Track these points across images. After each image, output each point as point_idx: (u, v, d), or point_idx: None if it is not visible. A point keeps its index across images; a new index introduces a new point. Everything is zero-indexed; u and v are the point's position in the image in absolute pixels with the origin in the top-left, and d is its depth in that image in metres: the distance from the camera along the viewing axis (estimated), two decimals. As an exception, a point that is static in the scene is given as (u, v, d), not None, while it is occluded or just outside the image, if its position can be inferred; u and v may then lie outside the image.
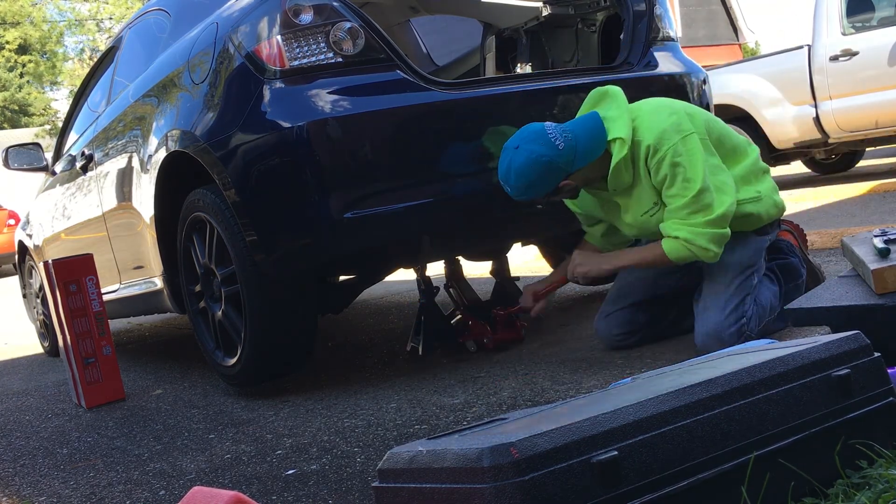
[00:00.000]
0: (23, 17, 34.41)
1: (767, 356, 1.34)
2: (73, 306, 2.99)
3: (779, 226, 2.52)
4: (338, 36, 2.37)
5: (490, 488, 1.06)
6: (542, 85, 2.64)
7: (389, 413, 2.26)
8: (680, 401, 1.19)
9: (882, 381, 1.35)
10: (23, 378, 4.15)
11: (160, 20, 3.37)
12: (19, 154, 4.51)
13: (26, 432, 2.82)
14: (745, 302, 2.30)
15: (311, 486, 1.78)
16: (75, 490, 2.05)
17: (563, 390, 2.20)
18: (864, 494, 1.15)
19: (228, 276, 2.62)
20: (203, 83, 2.63)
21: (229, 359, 2.71)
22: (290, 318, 2.56)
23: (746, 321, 2.29)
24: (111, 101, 3.69)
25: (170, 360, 3.93)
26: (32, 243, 4.90)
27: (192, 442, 2.32)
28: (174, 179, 2.84)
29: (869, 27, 6.73)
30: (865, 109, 6.64)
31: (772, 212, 2.38)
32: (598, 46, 3.39)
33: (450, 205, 2.45)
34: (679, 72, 2.94)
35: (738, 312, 2.28)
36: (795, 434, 1.23)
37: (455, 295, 3.07)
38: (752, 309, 2.31)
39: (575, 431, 1.11)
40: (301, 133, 2.29)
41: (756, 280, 2.36)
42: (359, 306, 4.77)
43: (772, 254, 2.51)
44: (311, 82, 2.35)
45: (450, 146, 2.44)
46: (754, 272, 2.36)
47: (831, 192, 6.66)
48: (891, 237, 1.94)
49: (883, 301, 1.71)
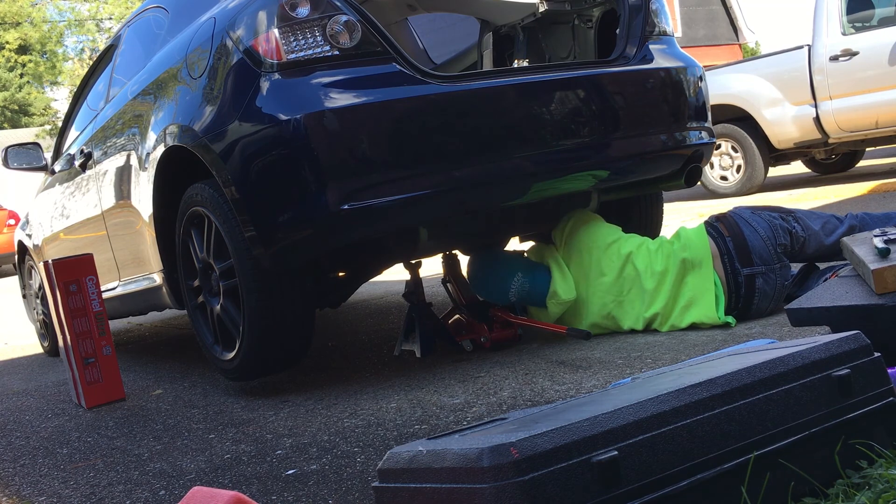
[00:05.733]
0: (22, 17, 34.40)
1: (767, 356, 1.34)
2: (73, 306, 2.98)
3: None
4: (335, 29, 2.38)
5: (490, 488, 1.06)
6: (538, 78, 2.64)
7: (389, 413, 2.26)
8: (680, 401, 1.19)
9: (882, 381, 1.35)
10: (23, 378, 4.15)
11: (158, 17, 3.38)
12: (19, 154, 4.51)
13: (26, 432, 2.82)
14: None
15: (311, 486, 1.78)
16: (75, 490, 2.05)
17: (563, 390, 2.20)
18: (864, 494, 1.15)
19: (227, 270, 2.63)
20: (201, 78, 2.63)
21: (228, 353, 2.72)
22: (289, 312, 2.57)
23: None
24: (110, 100, 3.69)
25: (170, 360, 3.93)
26: (32, 243, 4.90)
27: (192, 442, 2.32)
28: (172, 175, 2.85)
29: (869, 27, 6.73)
30: (865, 109, 6.64)
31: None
32: (594, 42, 3.40)
33: (447, 196, 2.45)
34: (675, 66, 2.95)
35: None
36: (795, 434, 1.23)
37: (452, 292, 3.07)
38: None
39: (575, 431, 1.11)
40: (298, 125, 2.30)
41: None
42: (359, 306, 4.77)
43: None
44: (308, 75, 2.36)
45: (446, 138, 2.44)
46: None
47: (831, 192, 6.66)
48: (891, 237, 1.94)
49: (883, 301, 1.71)
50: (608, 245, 2.83)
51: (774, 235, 2.64)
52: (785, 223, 2.69)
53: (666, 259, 2.72)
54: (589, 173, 2.73)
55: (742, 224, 2.66)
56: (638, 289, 2.75)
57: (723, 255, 2.64)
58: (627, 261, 2.77)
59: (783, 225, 2.68)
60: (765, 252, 2.61)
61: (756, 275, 2.60)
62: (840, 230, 2.70)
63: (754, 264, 2.60)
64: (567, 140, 2.63)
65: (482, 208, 2.64)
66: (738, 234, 2.64)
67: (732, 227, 2.67)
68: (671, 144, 2.89)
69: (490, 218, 2.88)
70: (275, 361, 2.70)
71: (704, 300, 2.64)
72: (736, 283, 2.62)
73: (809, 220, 2.73)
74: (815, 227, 2.72)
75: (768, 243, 2.62)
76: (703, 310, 2.64)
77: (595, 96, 2.71)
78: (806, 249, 2.71)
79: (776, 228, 2.65)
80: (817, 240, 2.70)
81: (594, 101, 2.70)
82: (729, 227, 2.68)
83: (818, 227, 2.72)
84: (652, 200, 3.49)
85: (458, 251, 3.20)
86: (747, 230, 2.64)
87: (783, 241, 2.65)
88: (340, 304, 3.02)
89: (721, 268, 2.65)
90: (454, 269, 3.11)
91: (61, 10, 38.05)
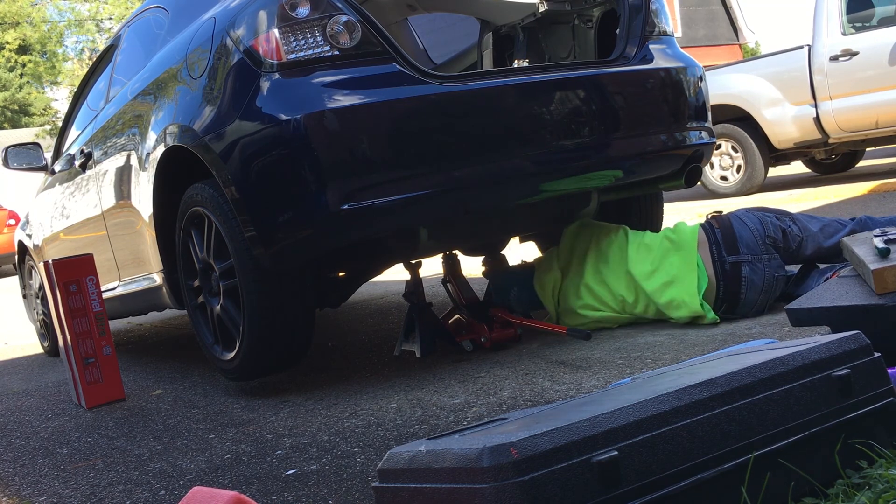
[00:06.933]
0: (22, 17, 34.40)
1: (767, 356, 1.34)
2: (73, 306, 2.98)
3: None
4: (335, 29, 2.38)
5: (490, 488, 1.06)
6: (538, 78, 2.64)
7: (389, 413, 2.26)
8: (680, 401, 1.19)
9: (882, 381, 1.35)
10: (23, 378, 4.15)
11: (158, 17, 3.38)
12: (19, 154, 4.51)
13: (26, 432, 2.82)
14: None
15: (311, 486, 1.78)
16: (75, 490, 2.05)
17: (563, 390, 2.20)
18: (864, 494, 1.15)
19: (227, 270, 2.63)
20: (201, 78, 2.64)
21: (228, 353, 2.72)
22: (289, 312, 2.57)
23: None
24: (110, 100, 3.69)
25: (170, 360, 3.93)
26: (32, 243, 4.90)
27: (192, 442, 2.32)
28: (172, 175, 2.85)
29: (869, 27, 6.73)
30: (865, 109, 6.64)
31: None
32: (594, 42, 3.40)
33: (447, 197, 2.45)
34: (675, 66, 2.95)
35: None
36: (795, 434, 1.23)
37: (453, 292, 3.07)
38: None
39: (575, 431, 1.11)
40: (298, 125, 2.30)
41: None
42: (359, 306, 4.77)
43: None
44: (309, 75, 2.36)
45: (446, 138, 2.44)
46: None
47: (831, 192, 6.67)
48: (891, 237, 1.94)
49: (883, 301, 1.71)
50: (612, 235, 2.99)
51: (763, 228, 2.73)
52: (779, 221, 2.78)
53: (654, 237, 2.89)
54: (589, 173, 2.73)
55: (733, 218, 2.79)
56: (624, 252, 2.91)
57: (711, 245, 2.74)
58: (624, 235, 2.97)
59: (775, 222, 2.76)
60: (752, 242, 2.69)
61: (742, 262, 2.67)
62: (842, 234, 2.73)
63: (740, 252, 2.69)
64: (567, 140, 2.63)
65: (482, 208, 2.64)
66: (727, 226, 2.76)
67: (723, 220, 2.80)
68: (671, 144, 2.89)
69: (490, 218, 2.88)
70: (275, 361, 2.70)
71: (686, 281, 2.73)
72: (723, 271, 2.69)
73: (807, 223, 2.80)
74: (813, 228, 2.78)
75: (756, 234, 2.70)
76: (683, 288, 2.72)
77: (595, 96, 2.71)
78: (804, 250, 2.76)
79: (766, 223, 2.74)
80: (815, 241, 2.75)
81: (594, 101, 2.70)
82: (720, 221, 2.80)
83: (816, 229, 2.77)
84: (652, 200, 3.49)
85: (458, 251, 3.20)
86: (736, 223, 2.75)
87: (772, 235, 2.72)
88: (340, 304, 3.02)
89: (709, 256, 2.73)
90: (454, 269, 3.11)
91: (61, 11, 38.06)
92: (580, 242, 3.05)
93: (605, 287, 2.90)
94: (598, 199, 3.13)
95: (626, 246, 2.90)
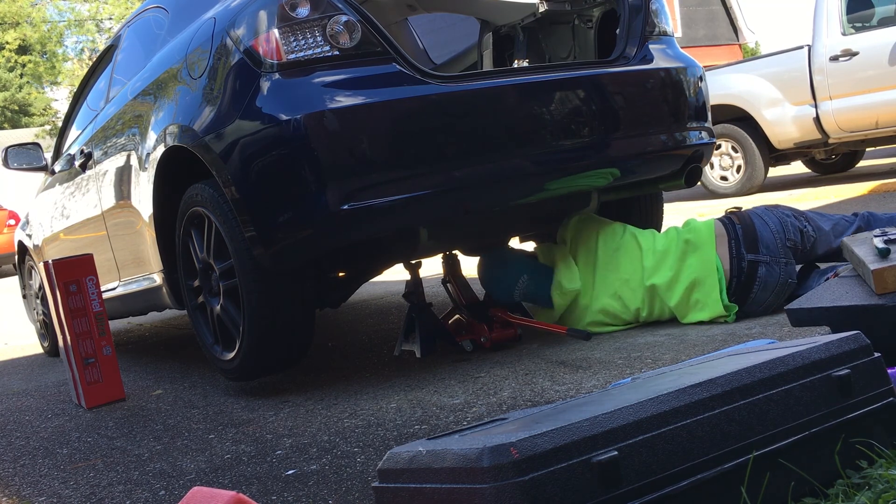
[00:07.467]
0: (22, 17, 34.39)
1: (767, 356, 1.34)
2: (73, 306, 2.98)
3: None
4: (335, 29, 2.38)
5: (490, 488, 1.06)
6: (538, 78, 2.64)
7: (389, 413, 2.26)
8: (680, 401, 1.19)
9: (882, 381, 1.35)
10: (23, 378, 4.15)
11: (158, 17, 3.38)
12: (19, 154, 4.51)
13: (26, 432, 2.82)
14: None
15: (311, 486, 1.78)
16: (75, 490, 2.05)
17: (563, 390, 2.20)
18: (864, 494, 1.15)
19: (227, 270, 2.63)
20: (201, 78, 2.64)
21: (228, 353, 2.72)
22: (289, 312, 2.57)
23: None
24: (110, 100, 3.69)
25: (170, 360, 3.93)
26: (32, 243, 4.90)
27: (192, 442, 2.32)
28: (172, 175, 2.85)
29: (869, 27, 6.73)
30: (865, 109, 6.64)
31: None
32: (594, 42, 3.40)
33: (447, 197, 2.45)
34: (675, 66, 2.95)
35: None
36: (795, 434, 1.23)
37: (452, 292, 3.07)
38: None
39: (575, 431, 1.11)
40: (298, 125, 2.30)
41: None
42: (359, 306, 4.77)
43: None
44: (309, 75, 2.36)
45: (446, 138, 2.44)
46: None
47: (831, 192, 6.67)
48: (891, 237, 1.94)
49: (883, 301, 1.71)
50: (619, 238, 2.92)
51: (784, 230, 2.69)
52: (797, 221, 2.74)
53: (667, 240, 2.82)
54: (589, 173, 2.74)
55: (754, 216, 2.75)
56: (638, 263, 2.83)
57: (730, 239, 2.70)
58: (633, 239, 2.89)
59: (795, 223, 2.73)
60: (772, 244, 2.66)
61: (760, 262, 2.65)
62: (848, 232, 2.72)
63: (759, 252, 2.66)
64: (567, 140, 2.64)
65: (482, 208, 2.64)
66: (748, 224, 2.72)
67: (744, 217, 2.76)
68: (671, 144, 2.89)
69: (490, 218, 2.88)
70: (275, 361, 2.71)
71: (708, 283, 2.69)
72: (739, 268, 2.67)
73: (820, 222, 2.78)
74: (826, 227, 2.76)
75: (777, 236, 2.67)
76: (705, 291, 2.68)
77: (595, 96, 2.71)
78: (816, 250, 2.75)
79: (787, 225, 2.71)
80: (827, 241, 2.74)
81: (594, 101, 2.70)
82: (741, 217, 2.77)
83: (828, 228, 2.76)
84: (652, 200, 3.49)
85: (458, 251, 3.20)
86: (758, 222, 2.72)
87: (793, 238, 2.69)
88: (340, 304, 3.02)
89: (726, 251, 2.69)
90: (454, 269, 3.11)
91: (61, 11, 38.05)
92: (584, 242, 2.98)
93: (620, 302, 2.85)
94: (598, 199, 3.13)
95: (640, 256, 2.82)
